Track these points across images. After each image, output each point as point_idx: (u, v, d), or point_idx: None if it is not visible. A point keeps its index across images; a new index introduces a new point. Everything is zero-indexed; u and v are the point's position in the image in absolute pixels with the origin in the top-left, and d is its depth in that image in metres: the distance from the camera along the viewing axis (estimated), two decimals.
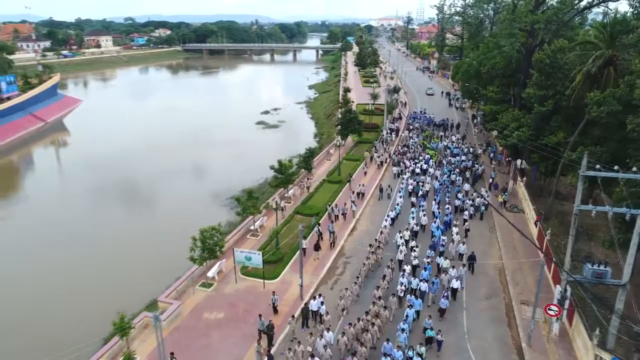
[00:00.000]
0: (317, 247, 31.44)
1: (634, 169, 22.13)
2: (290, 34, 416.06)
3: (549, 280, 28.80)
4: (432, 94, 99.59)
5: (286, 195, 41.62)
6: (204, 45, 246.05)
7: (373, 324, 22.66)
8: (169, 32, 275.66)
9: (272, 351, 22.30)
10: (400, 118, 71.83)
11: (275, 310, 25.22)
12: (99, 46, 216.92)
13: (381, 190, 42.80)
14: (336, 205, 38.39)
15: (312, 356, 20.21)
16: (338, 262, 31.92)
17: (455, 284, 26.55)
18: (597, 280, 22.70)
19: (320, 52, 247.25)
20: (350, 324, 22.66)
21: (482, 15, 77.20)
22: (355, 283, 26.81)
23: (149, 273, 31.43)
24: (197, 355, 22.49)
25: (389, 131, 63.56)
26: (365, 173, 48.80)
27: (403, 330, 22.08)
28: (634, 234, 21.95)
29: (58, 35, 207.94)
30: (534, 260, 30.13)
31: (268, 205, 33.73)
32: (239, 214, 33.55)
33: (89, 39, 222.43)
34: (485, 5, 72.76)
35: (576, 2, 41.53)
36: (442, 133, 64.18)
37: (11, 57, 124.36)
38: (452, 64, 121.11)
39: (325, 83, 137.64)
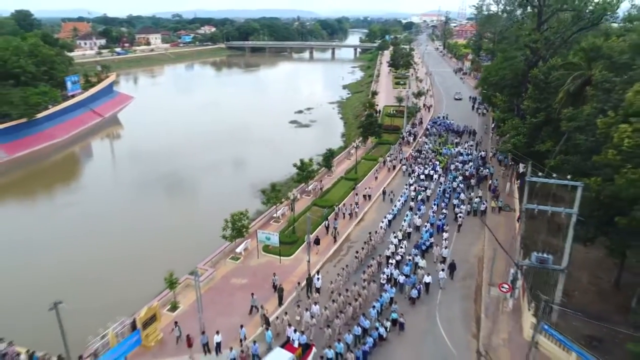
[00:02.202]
0: (317, 241, 37.27)
1: (569, 176, 27.41)
2: (331, 30, 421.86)
3: None
4: (459, 99, 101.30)
5: (307, 189, 48.35)
6: (246, 43, 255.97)
7: (356, 299, 28.92)
8: (213, 29, 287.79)
9: (281, 307, 29.20)
10: (421, 123, 76.78)
11: (275, 288, 31.07)
12: (148, 44, 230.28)
13: (384, 193, 47.82)
14: (344, 204, 44.55)
15: (290, 325, 26.21)
16: (343, 245, 38.48)
17: (428, 279, 31.59)
18: (541, 265, 28.19)
19: (359, 50, 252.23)
20: (333, 300, 28.91)
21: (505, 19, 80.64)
22: (344, 269, 32.72)
23: (190, 247, 38.55)
24: (225, 308, 29.56)
25: (407, 134, 68.84)
26: (377, 178, 53.54)
27: (374, 307, 28.07)
28: (569, 229, 27.43)
29: (112, 33, 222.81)
30: (509, 250, 35.46)
31: (287, 197, 40.54)
32: (264, 203, 40.45)
33: (140, 37, 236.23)
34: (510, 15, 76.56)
35: (570, 25, 45.85)
36: (457, 139, 67.67)
37: (71, 54, 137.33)
38: (484, 66, 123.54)
39: (358, 83, 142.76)
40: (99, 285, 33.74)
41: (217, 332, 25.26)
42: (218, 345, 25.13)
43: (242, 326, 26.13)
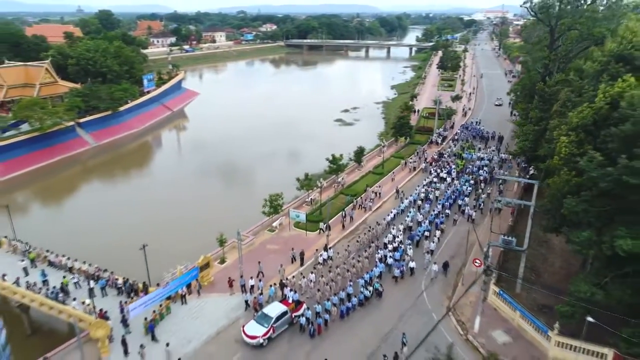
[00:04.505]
0: (328, 227, 44.43)
1: (527, 175, 34.30)
2: (390, 27, 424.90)
3: None
4: (499, 104, 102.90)
5: (337, 180, 56.94)
6: (304, 41, 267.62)
7: (348, 270, 36.87)
8: (274, 27, 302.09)
9: (302, 267, 38.27)
10: (452, 127, 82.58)
11: (293, 259, 39.65)
12: (214, 41, 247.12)
13: (397, 191, 54.34)
14: (361, 198, 52.10)
15: (285, 286, 34.42)
16: (359, 227, 46.84)
17: (412, 264, 38.24)
18: (506, 246, 35.30)
19: (414, 49, 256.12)
20: (329, 270, 36.98)
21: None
22: (346, 250, 40.56)
23: (237, 219, 47.50)
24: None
25: (436, 136, 75.25)
26: (393, 179, 58.98)
27: (363, 278, 35.78)
28: (528, 218, 34.40)
29: (182, 31, 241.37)
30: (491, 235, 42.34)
31: (316, 185, 49.45)
32: (299, 189, 49.58)
33: (206, 35, 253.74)
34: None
35: (576, 43, 51.27)
36: (480, 145, 71.41)
37: (145, 51, 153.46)
38: None
39: (406, 84, 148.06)
40: (169, 240, 44.05)
41: (251, 278, 34.74)
42: (252, 287, 34.53)
43: (260, 280, 35.36)
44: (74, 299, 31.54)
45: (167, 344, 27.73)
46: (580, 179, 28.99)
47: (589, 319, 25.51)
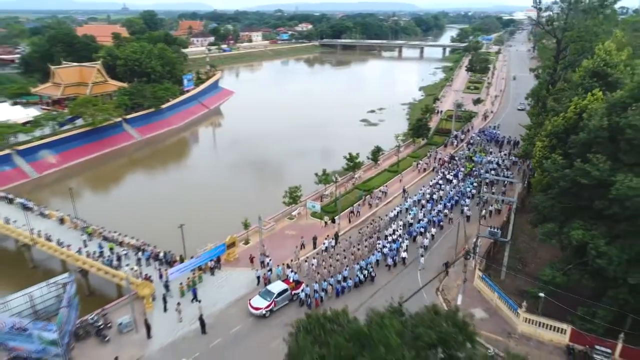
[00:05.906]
0: (333, 220, 49.97)
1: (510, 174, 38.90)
2: (426, 27, 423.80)
3: None
4: (522, 109, 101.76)
5: (354, 176, 62.49)
6: (338, 41, 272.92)
7: (345, 257, 42.40)
8: (310, 26, 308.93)
9: (314, 250, 44.18)
10: (468, 131, 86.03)
11: (302, 247, 44.92)
12: (250, 41, 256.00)
13: (404, 191, 58.24)
14: (369, 195, 57.20)
15: (288, 267, 40.14)
16: (369, 218, 52.30)
17: (404, 254, 43.00)
18: (492, 237, 40.11)
19: (448, 49, 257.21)
20: (330, 257, 42.38)
21: None
22: (347, 240, 45.58)
23: (261, 208, 53.80)
24: (278, 246, 44.81)
25: (453, 138, 79.27)
26: (401, 180, 62.12)
27: (359, 264, 40.93)
28: (511, 213, 39.08)
29: (220, 30, 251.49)
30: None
31: (332, 180, 55.26)
32: (316, 183, 55.53)
33: (243, 34, 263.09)
34: None
35: (577, 54, 54.95)
36: (492, 149, 73.80)
37: (185, 50, 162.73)
38: None
39: (434, 86, 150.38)
40: (202, 223, 50.33)
41: (267, 256, 41.00)
42: (268, 263, 40.80)
43: (270, 260, 41.32)
44: (127, 265, 38.69)
45: (199, 301, 34.40)
46: (548, 179, 33.72)
47: (541, 294, 30.30)
